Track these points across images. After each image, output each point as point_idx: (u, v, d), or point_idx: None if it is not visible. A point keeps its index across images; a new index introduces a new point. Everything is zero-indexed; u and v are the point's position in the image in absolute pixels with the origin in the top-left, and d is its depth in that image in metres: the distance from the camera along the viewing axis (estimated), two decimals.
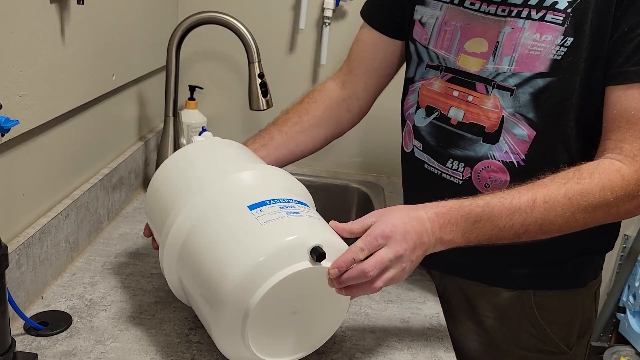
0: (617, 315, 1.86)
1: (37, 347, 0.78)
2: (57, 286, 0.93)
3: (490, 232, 0.79)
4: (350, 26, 1.54)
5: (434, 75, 0.99)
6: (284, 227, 0.72)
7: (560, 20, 0.84)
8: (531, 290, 0.98)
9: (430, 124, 0.99)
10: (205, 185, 0.80)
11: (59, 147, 0.96)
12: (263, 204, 0.75)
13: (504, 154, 0.91)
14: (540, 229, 0.79)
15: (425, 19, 0.99)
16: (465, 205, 0.78)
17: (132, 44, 1.23)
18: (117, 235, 1.12)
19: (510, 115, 0.89)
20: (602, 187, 0.79)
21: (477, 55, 0.92)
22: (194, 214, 0.77)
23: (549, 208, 0.78)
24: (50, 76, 0.88)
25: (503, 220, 0.78)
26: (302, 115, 1.09)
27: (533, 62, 0.86)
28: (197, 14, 1.22)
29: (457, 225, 0.77)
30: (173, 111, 1.30)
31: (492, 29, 0.90)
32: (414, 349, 0.88)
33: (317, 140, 1.12)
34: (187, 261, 0.77)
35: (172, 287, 0.83)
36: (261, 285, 0.68)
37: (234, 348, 0.73)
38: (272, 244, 0.70)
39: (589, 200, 0.78)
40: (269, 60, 1.38)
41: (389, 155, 1.63)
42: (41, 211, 0.92)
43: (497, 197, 0.79)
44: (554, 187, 0.79)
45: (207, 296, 0.73)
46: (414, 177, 1.06)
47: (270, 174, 0.84)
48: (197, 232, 0.76)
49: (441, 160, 0.98)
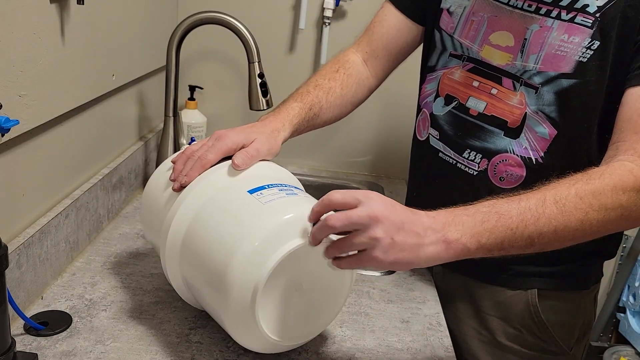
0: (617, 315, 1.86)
1: (37, 347, 0.78)
2: (57, 286, 0.93)
3: (503, 235, 0.70)
4: (350, 26, 1.54)
5: (456, 64, 0.99)
6: (287, 205, 0.75)
7: (590, 23, 0.84)
8: (535, 290, 0.98)
9: (448, 113, 1.00)
10: (200, 180, 0.81)
11: (59, 147, 0.96)
12: (262, 188, 0.77)
13: (523, 150, 0.92)
14: (555, 232, 0.72)
15: (453, 8, 0.99)
16: (470, 207, 0.72)
17: (132, 44, 1.23)
18: (117, 235, 1.12)
19: (533, 112, 0.90)
20: (614, 186, 0.73)
21: (502, 49, 0.92)
22: (192, 206, 0.79)
23: (561, 207, 0.71)
24: (50, 76, 0.88)
25: (514, 221, 0.70)
26: (344, 88, 1.05)
27: (558, 63, 0.86)
28: (197, 14, 1.22)
29: (462, 224, 0.69)
30: (173, 111, 1.30)
31: (518, 23, 0.90)
32: (414, 349, 0.88)
33: (343, 115, 1.09)
34: (190, 253, 0.78)
35: (176, 285, 0.83)
36: (267, 261, 0.69)
37: (245, 331, 0.74)
38: (277, 220, 0.71)
39: (601, 200, 0.73)
40: (269, 60, 1.38)
41: (389, 155, 1.63)
42: (41, 211, 0.92)
43: (504, 199, 0.73)
44: (563, 188, 0.74)
45: (214, 283, 0.73)
46: (425, 166, 1.06)
47: (262, 165, 0.86)
48: (198, 223, 0.78)
49: (458, 149, 0.98)
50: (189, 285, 0.82)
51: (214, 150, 0.84)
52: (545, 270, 0.97)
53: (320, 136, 1.61)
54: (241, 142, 0.85)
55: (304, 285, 0.75)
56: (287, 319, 0.76)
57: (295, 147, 1.62)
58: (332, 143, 1.63)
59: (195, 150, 0.85)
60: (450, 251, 0.69)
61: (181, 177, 0.82)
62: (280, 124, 0.93)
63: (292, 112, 0.95)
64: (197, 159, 0.83)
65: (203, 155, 0.83)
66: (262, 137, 0.87)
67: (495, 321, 1.01)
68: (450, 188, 1.00)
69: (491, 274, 1.00)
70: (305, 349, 0.84)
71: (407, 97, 1.16)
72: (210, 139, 0.86)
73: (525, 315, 0.99)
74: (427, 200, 1.07)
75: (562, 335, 0.99)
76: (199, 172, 0.82)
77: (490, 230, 0.70)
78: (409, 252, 0.67)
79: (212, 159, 0.83)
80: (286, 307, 0.75)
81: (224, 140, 0.84)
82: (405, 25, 1.07)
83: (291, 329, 0.76)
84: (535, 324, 0.98)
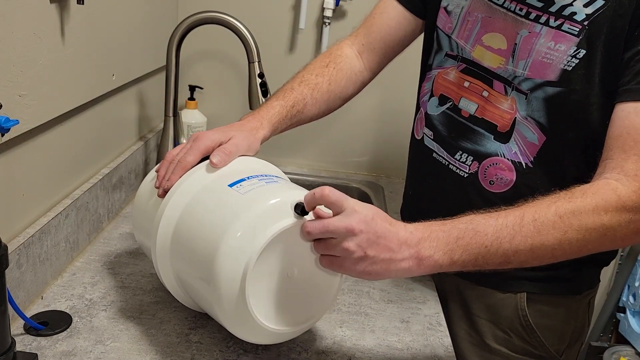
0: (617, 315, 1.86)
1: (37, 347, 0.78)
2: (57, 286, 0.93)
3: (477, 252, 0.71)
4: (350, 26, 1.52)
5: (452, 65, 0.99)
6: (266, 192, 0.76)
7: (576, 31, 0.83)
8: (525, 294, 0.97)
9: (442, 114, 0.99)
10: (181, 183, 0.82)
11: (59, 147, 0.96)
12: (242, 180, 0.79)
13: (513, 154, 0.91)
14: (531, 250, 0.72)
15: (451, 7, 0.98)
16: (447, 222, 0.73)
17: (132, 44, 1.23)
18: (117, 235, 1.12)
19: (523, 118, 0.89)
20: (596, 206, 0.72)
21: (494, 51, 0.91)
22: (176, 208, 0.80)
23: (538, 226, 0.71)
24: (50, 76, 0.88)
25: (489, 238, 0.71)
26: (332, 83, 1.05)
27: (544, 70, 0.86)
28: (197, 14, 1.22)
29: (437, 240, 0.70)
30: (173, 111, 1.30)
31: (510, 27, 0.89)
32: (414, 349, 0.88)
33: (331, 110, 1.08)
34: (179, 255, 0.79)
35: (171, 287, 0.84)
36: (252, 249, 0.70)
37: (240, 321, 0.74)
38: (256, 208, 0.72)
39: (582, 220, 0.72)
40: (269, 60, 1.38)
41: (389, 155, 1.63)
42: (41, 211, 0.92)
43: (482, 215, 0.73)
44: (543, 206, 0.73)
45: (204, 277, 0.74)
46: (420, 165, 1.06)
47: (242, 159, 0.87)
48: (183, 223, 0.79)
49: (450, 151, 0.98)
50: (183, 285, 0.82)
51: (192, 151, 0.85)
52: (536, 275, 0.96)
53: (321, 136, 1.61)
54: (218, 140, 0.86)
55: (296, 272, 0.75)
56: (280, 306, 0.75)
57: (295, 147, 1.63)
58: (332, 143, 1.63)
59: (175, 154, 0.87)
60: (422, 267, 0.71)
61: (164, 182, 0.84)
62: (259, 122, 0.93)
63: (272, 111, 0.96)
64: (177, 162, 0.84)
65: (182, 158, 0.84)
66: (240, 134, 0.88)
67: (484, 324, 1.01)
68: (442, 189, 1.00)
69: (483, 276, 0.99)
70: (305, 348, 0.84)
71: (409, 97, 1.15)
72: (189, 141, 0.87)
73: (514, 319, 0.98)
74: (422, 199, 1.08)
75: (551, 340, 0.98)
76: (180, 174, 0.83)
77: (464, 247, 0.71)
78: (380, 265, 0.69)
79: (191, 160, 0.84)
80: (279, 295, 0.75)
81: (202, 140, 0.85)
82: (405, 18, 1.07)
83: (285, 316, 0.76)
84: (524, 328, 0.98)
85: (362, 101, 1.35)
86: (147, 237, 0.86)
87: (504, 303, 0.98)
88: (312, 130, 1.13)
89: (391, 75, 1.23)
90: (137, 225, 0.92)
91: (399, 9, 1.07)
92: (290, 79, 1.04)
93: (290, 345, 0.85)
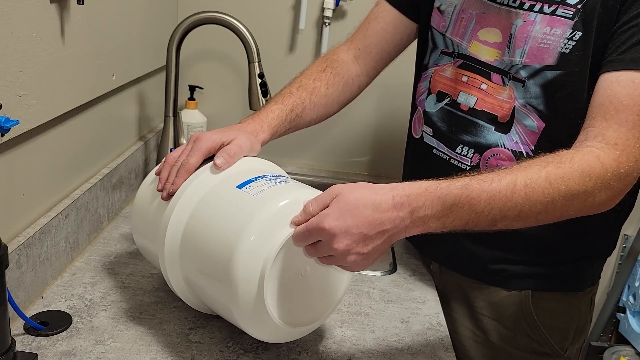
0: (617, 315, 1.86)
1: (37, 347, 0.78)
2: (57, 286, 0.93)
3: (468, 217, 0.73)
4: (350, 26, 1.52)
5: (448, 62, 1.00)
6: (277, 192, 0.76)
7: (570, 14, 0.84)
8: (529, 291, 0.97)
9: (441, 110, 1.00)
10: (187, 185, 0.82)
11: (59, 147, 0.96)
12: (250, 181, 0.79)
13: (514, 144, 0.92)
14: (519, 215, 0.74)
15: (444, 6, 0.99)
16: (443, 187, 0.72)
17: (132, 44, 1.23)
18: (117, 235, 1.12)
19: (522, 106, 0.90)
20: (582, 172, 0.75)
21: (490, 45, 0.92)
22: (184, 211, 0.80)
23: (529, 192, 0.73)
24: (50, 76, 0.88)
25: (482, 205, 0.72)
26: (329, 88, 1.06)
27: (542, 55, 0.87)
28: (197, 14, 1.22)
29: (432, 207, 0.71)
30: (173, 111, 1.30)
31: (505, 19, 0.90)
32: (414, 349, 0.88)
33: (329, 115, 1.09)
34: (190, 258, 0.79)
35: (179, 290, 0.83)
36: (268, 250, 0.70)
37: (256, 321, 0.74)
38: (269, 209, 0.72)
39: (569, 186, 0.74)
40: (269, 60, 1.38)
41: (389, 154, 1.63)
42: (41, 211, 0.92)
43: (476, 179, 0.74)
44: (534, 170, 0.75)
45: (219, 281, 0.74)
46: (420, 163, 1.07)
47: (246, 160, 0.87)
48: (193, 226, 0.78)
49: (451, 145, 0.98)
50: (192, 287, 0.82)
51: (194, 153, 0.84)
52: (539, 272, 0.97)
53: (320, 136, 1.61)
54: (220, 141, 0.85)
55: (308, 269, 0.76)
56: (293, 305, 0.76)
57: (296, 147, 1.63)
58: (331, 143, 1.63)
59: (176, 157, 0.86)
60: (414, 230, 0.72)
61: (168, 185, 0.83)
62: (259, 125, 0.93)
63: (271, 115, 0.96)
64: (181, 165, 0.84)
65: (185, 161, 0.84)
66: (242, 135, 0.88)
67: (489, 322, 1.01)
68: None
69: (486, 274, 1.00)
70: (305, 349, 0.84)
71: (407, 98, 1.16)
72: (189, 142, 0.87)
73: (519, 317, 0.98)
74: None
75: (555, 338, 0.99)
76: (185, 177, 0.83)
77: (457, 212, 0.72)
78: (380, 252, 0.71)
79: (194, 162, 0.84)
80: (292, 293, 0.75)
81: (203, 141, 0.85)
82: (401, 22, 1.08)
83: (298, 314, 0.77)
84: (529, 326, 0.98)
85: (362, 101, 1.35)
86: (151, 241, 0.86)
87: (508, 301, 0.99)
88: (312, 130, 1.13)
89: (392, 75, 1.23)
90: (137, 229, 0.91)
91: (394, 13, 1.07)
92: (288, 84, 1.04)
93: (290, 345, 0.85)
